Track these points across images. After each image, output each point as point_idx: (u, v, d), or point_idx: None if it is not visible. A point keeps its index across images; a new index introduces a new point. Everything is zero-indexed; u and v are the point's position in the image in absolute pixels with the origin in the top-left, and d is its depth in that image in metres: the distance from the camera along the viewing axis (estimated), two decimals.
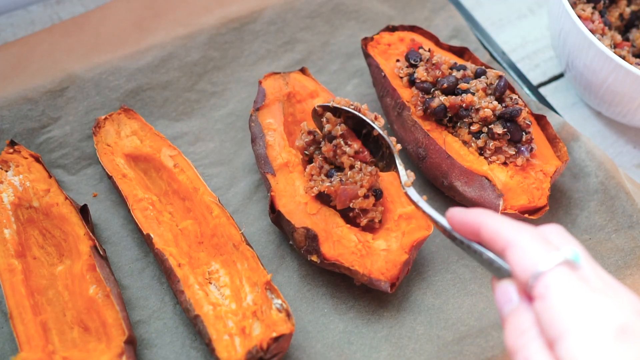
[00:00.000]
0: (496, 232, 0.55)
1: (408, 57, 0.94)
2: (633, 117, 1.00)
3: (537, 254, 0.51)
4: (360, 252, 0.80)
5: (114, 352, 0.73)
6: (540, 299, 0.50)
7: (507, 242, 0.53)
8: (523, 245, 0.52)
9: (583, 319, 0.47)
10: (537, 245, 0.52)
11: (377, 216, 0.82)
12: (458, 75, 0.90)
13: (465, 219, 0.58)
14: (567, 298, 0.48)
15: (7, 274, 0.78)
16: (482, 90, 0.88)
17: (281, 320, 0.74)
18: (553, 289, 0.49)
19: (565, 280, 0.49)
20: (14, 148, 0.89)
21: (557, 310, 0.48)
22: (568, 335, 0.47)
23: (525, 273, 0.51)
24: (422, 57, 0.93)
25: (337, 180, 0.82)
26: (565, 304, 0.48)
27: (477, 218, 0.57)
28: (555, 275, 0.50)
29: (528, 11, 1.20)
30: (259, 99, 0.93)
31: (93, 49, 1.02)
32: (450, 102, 0.87)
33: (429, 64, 0.92)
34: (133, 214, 0.84)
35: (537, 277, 0.50)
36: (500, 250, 0.54)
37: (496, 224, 0.55)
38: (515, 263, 0.52)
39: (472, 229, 0.57)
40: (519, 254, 0.52)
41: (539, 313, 0.50)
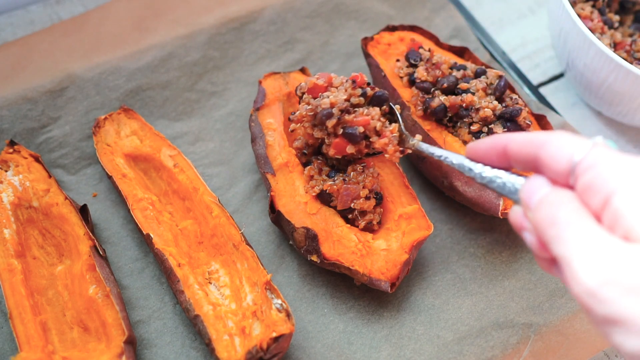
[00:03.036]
0: (526, 140, 0.55)
1: (408, 57, 0.94)
2: (633, 117, 1.00)
3: (573, 141, 0.51)
4: (360, 252, 0.80)
5: (114, 352, 0.73)
6: (588, 170, 0.49)
7: (542, 142, 0.53)
8: (558, 139, 0.52)
9: (634, 171, 0.47)
10: (571, 137, 0.52)
11: (376, 218, 0.82)
12: (458, 75, 0.90)
13: (492, 143, 0.59)
14: (615, 161, 0.48)
15: (6, 274, 0.78)
16: (482, 90, 0.88)
17: (281, 320, 0.74)
18: (599, 159, 0.49)
19: (608, 152, 0.49)
20: (14, 148, 0.89)
21: (607, 172, 0.48)
22: (622, 187, 0.47)
23: (566, 158, 0.51)
24: (422, 57, 0.93)
25: (340, 179, 0.82)
26: (614, 166, 0.48)
27: (504, 137, 0.58)
28: (597, 150, 0.50)
29: (528, 11, 1.20)
30: (259, 98, 0.93)
31: (93, 49, 1.02)
32: (450, 102, 0.87)
33: (429, 63, 0.92)
34: (133, 214, 0.84)
35: (578, 163, 0.50)
36: (533, 155, 0.54)
37: (525, 134, 0.56)
38: (553, 154, 0.52)
39: (499, 149, 0.58)
40: (555, 146, 0.52)
41: (587, 184, 0.49)
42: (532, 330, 0.82)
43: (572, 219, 0.48)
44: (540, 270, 0.88)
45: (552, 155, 0.52)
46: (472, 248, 0.90)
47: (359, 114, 0.79)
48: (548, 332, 0.82)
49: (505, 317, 0.84)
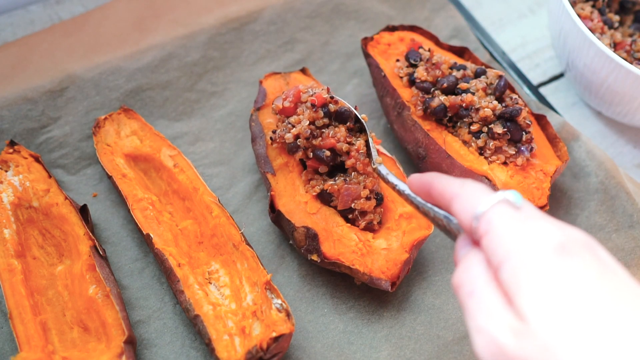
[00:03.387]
0: (443, 189, 0.56)
1: (408, 57, 0.94)
2: (633, 117, 1.00)
3: (478, 197, 0.52)
4: (360, 251, 0.80)
5: (114, 352, 0.73)
6: (484, 235, 0.50)
7: (452, 196, 0.55)
8: (465, 194, 0.54)
9: (523, 240, 0.47)
10: (479, 192, 0.53)
11: (376, 218, 0.82)
12: (458, 75, 0.90)
13: (419, 181, 0.60)
14: (508, 226, 0.49)
15: (6, 274, 0.78)
16: (482, 90, 0.88)
17: (281, 320, 0.74)
18: (494, 222, 0.50)
19: (506, 214, 0.50)
20: (14, 148, 0.89)
21: (498, 239, 0.49)
22: (510, 257, 0.47)
23: (468, 217, 0.52)
24: (422, 57, 0.93)
25: (341, 179, 0.82)
26: (506, 232, 0.49)
27: (429, 180, 0.59)
28: (495, 211, 0.50)
29: (528, 11, 1.20)
30: (260, 98, 0.93)
31: (93, 49, 1.02)
32: (450, 102, 0.87)
33: (429, 63, 0.92)
34: (133, 214, 0.84)
35: (479, 218, 0.51)
36: (447, 205, 0.55)
37: (443, 182, 0.57)
38: (459, 212, 0.53)
39: (426, 189, 0.59)
40: (461, 202, 0.53)
41: (485, 248, 0.50)
42: None
43: (472, 289, 0.49)
44: None
45: (459, 213, 0.53)
46: None
47: (325, 136, 0.83)
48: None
49: None
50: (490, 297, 0.48)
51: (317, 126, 0.84)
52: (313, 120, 0.84)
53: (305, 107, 0.85)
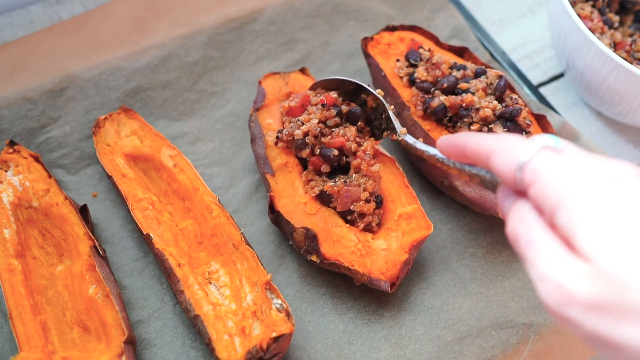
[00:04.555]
0: (478, 146, 0.56)
1: (408, 57, 0.94)
2: (633, 117, 1.00)
3: (517, 148, 0.52)
4: (360, 251, 0.80)
5: (114, 352, 0.73)
6: (532, 184, 0.49)
7: (490, 151, 0.54)
8: (503, 147, 0.53)
9: (573, 182, 0.47)
10: (516, 143, 0.52)
11: (375, 220, 0.82)
12: (458, 75, 0.90)
13: (451, 143, 0.60)
14: (556, 171, 0.48)
15: (6, 274, 0.78)
16: (482, 90, 0.88)
17: (281, 320, 0.74)
18: (540, 169, 0.49)
19: (550, 159, 0.49)
20: (14, 148, 0.89)
21: (548, 185, 0.48)
22: (563, 201, 0.47)
23: (511, 169, 0.51)
24: (422, 57, 0.93)
25: (341, 181, 0.82)
26: (555, 177, 0.48)
27: (461, 140, 0.59)
28: (538, 158, 0.50)
29: (528, 11, 1.20)
30: (259, 99, 0.93)
31: (93, 49, 1.02)
32: (450, 102, 0.87)
33: (429, 63, 0.92)
34: (133, 214, 0.84)
35: (521, 168, 0.50)
36: (485, 161, 0.55)
37: (477, 139, 0.56)
38: (499, 166, 0.52)
39: (459, 150, 0.59)
40: (501, 156, 0.53)
41: (535, 196, 0.49)
42: (532, 330, 0.82)
43: (530, 239, 0.49)
44: None
45: (499, 166, 0.52)
46: (472, 248, 0.90)
47: (335, 134, 0.84)
48: (548, 332, 0.82)
49: (505, 317, 0.84)
50: (550, 243, 0.47)
51: (328, 125, 0.85)
52: (324, 120, 0.85)
53: (316, 108, 0.86)
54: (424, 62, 0.92)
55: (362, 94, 0.88)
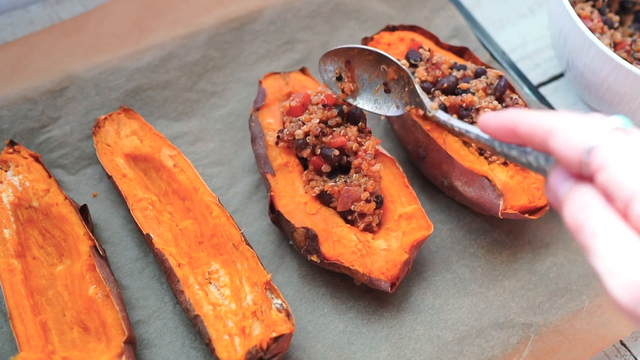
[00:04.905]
0: (534, 125, 0.51)
1: (408, 57, 0.94)
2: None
3: (584, 130, 0.47)
4: (360, 251, 0.80)
5: (114, 352, 0.73)
6: (601, 169, 0.46)
7: (549, 131, 0.50)
8: (566, 127, 0.49)
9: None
10: (581, 123, 0.48)
11: (375, 220, 0.82)
12: (458, 75, 0.90)
13: (499, 122, 0.55)
14: (631, 157, 0.45)
15: (6, 274, 0.78)
16: (482, 90, 0.88)
17: (281, 320, 0.74)
18: (612, 154, 0.45)
19: (622, 144, 0.46)
20: (14, 148, 0.89)
21: (623, 172, 0.45)
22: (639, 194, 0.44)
23: (577, 152, 0.47)
24: (422, 57, 0.93)
25: (341, 181, 0.82)
26: (630, 164, 0.45)
27: (511, 117, 0.54)
28: (609, 142, 0.46)
29: (528, 11, 1.20)
30: (259, 99, 0.93)
31: (93, 49, 1.02)
32: (451, 102, 0.87)
33: (429, 63, 0.92)
34: (133, 214, 0.84)
35: (590, 152, 0.46)
36: (542, 142, 0.51)
37: (533, 117, 0.52)
38: (562, 147, 0.48)
39: (508, 129, 0.54)
40: (564, 137, 0.48)
41: (605, 183, 0.46)
42: (532, 330, 0.82)
43: (598, 229, 0.45)
44: (541, 270, 0.88)
45: (562, 148, 0.49)
46: (472, 248, 0.90)
47: (336, 134, 0.84)
48: (548, 332, 0.82)
49: (505, 317, 0.84)
50: (623, 235, 0.44)
51: (329, 125, 0.85)
52: (326, 119, 0.85)
53: (317, 107, 0.86)
54: (424, 62, 0.92)
55: (382, 64, 0.83)
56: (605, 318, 0.84)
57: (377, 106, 0.84)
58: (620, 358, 0.86)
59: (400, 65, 0.81)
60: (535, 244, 0.90)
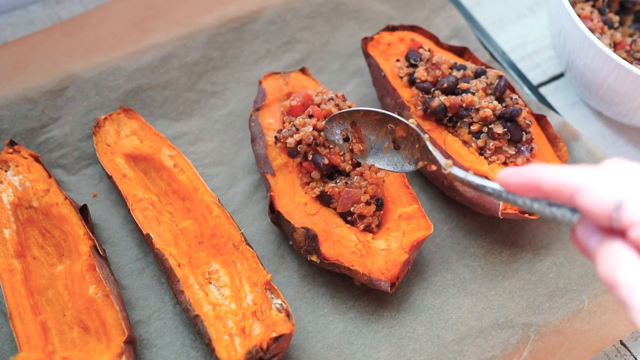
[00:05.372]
0: (560, 182, 0.52)
1: (408, 57, 0.94)
2: (633, 117, 1.00)
3: (611, 186, 0.48)
4: (360, 251, 0.80)
5: (114, 352, 0.73)
6: (634, 226, 0.46)
7: (575, 188, 0.50)
8: (592, 184, 0.49)
9: None
10: (609, 179, 0.49)
11: (375, 221, 0.82)
12: (458, 75, 0.90)
13: (522, 179, 0.55)
14: None
15: (6, 274, 0.78)
16: (482, 90, 0.88)
17: (281, 320, 0.74)
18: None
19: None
20: (14, 148, 0.89)
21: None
22: None
23: (606, 208, 0.48)
24: (422, 57, 0.93)
25: (342, 182, 0.82)
26: None
27: (535, 174, 0.54)
28: (638, 197, 0.47)
29: (528, 11, 1.20)
30: (259, 99, 0.93)
31: (93, 49, 1.02)
32: (450, 102, 0.87)
33: (429, 63, 0.92)
34: (133, 214, 0.84)
35: (619, 208, 0.47)
36: (569, 198, 0.51)
37: (557, 174, 0.52)
38: (591, 204, 0.49)
39: (531, 186, 0.54)
40: (592, 194, 0.49)
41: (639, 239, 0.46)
42: (532, 330, 0.82)
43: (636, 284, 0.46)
44: (541, 270, 0.88)
45: (591, 205, 0.49)
46: (472, 248, 0.90)
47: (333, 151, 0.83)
48: (548, 332, 0.82)
49: (505, 317, 0.84)
50: None
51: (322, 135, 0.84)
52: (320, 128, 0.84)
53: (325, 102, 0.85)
54: (424, 62, 0.92)
55: (389, 123, 0.80)
56: (605, 318, 0.84)
57: (387, 163, 0.82)
58: (620, 358, 0.86)
59: (408, 124, 0.78)
60: (535, 244, 0.90)
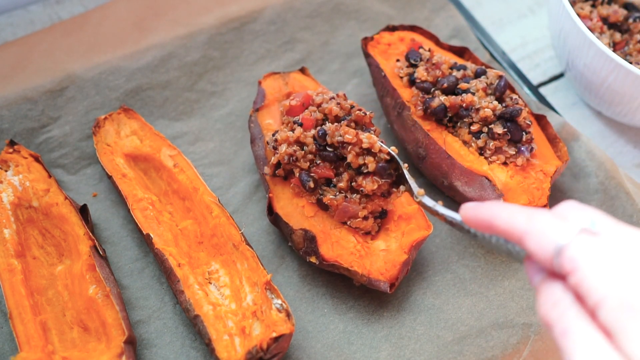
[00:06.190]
0: (509, 226, 0.54)
1: (408, 57, 0.94)
2: (633, 117, 1.00)
3: (553, 232, 0.50)
4: (359, 252, 0.80)
5: (114, 352, 0.73)
6: (571, 274, 0.48)
7: (522, 233, 0.52)
8: (537, 230, 0.51)
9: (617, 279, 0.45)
10: (551, 225, 0.50)
11: (374, 228, 0.82)
12: (458, 75, 0.90)
13: (477, 215, 0.57)
14: (597, 262, 0.47)
15: (6, 274, 0.78)
16: (482, 90, 0.88)
17: (281, 320, 0.74)
18: (580, 258, 0.47)
19: (589, 247, 0.48)
20: (14, 148, 0.89)
21: (590, 278, 0.46)
22: (608, 298, 0.45)
23: (547, 255, 0.50)
24: (422, 57, 0.93)
25: (341, 195, 0.81)
26: (597, 271, 0.46)
27: (488, 213, 0.56)
28: (577, 246, 0.48)
29: (528, 11, 1.20)
30: (259, 99, 0.93)
31: (93, 49, 1.02)
32: (451, 102, 0.87)
33: (429, 63, 0.92)
34: (133, 214, 0.84)
35: (559, 254, 0.49)
36: (518, 241, 0.53)
37: (507, 217, 0.54)
38: (534, 250, 0.51)
39: (486, 224, 0.56)
40: (535, 241, 0.51)
41: (575, 287, 0.48)
42: (532, 330, 0.82)
43: (566, 328, 0.47)
44: None
45: (534, 250, 0.51)
46: (472, 248, 0.90)
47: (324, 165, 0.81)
48: (548, 332, 0.82)
49: (505, 317, 0.84)
50: (590, 336, 0.46)
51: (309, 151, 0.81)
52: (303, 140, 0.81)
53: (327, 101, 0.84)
54: (424, 62, 0.92)
55: None
56: None
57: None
58: None
59: (390, 151, 0.78)
60: None
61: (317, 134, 0.81)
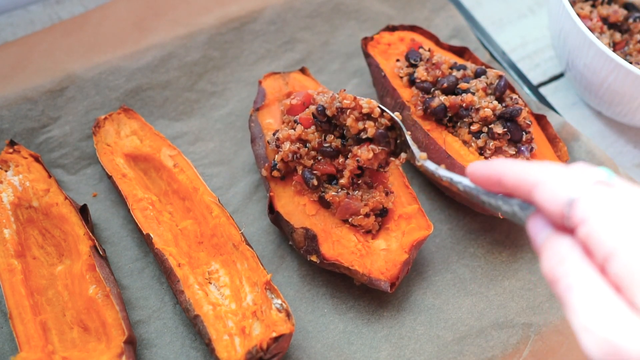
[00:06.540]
0: (520, 177, 0.52)
1: (408, 57, 0.94)
2: (633, 117, 1.00)
3: (567, 182, 0.48)
4: (359, 252, 0.80)
5: (114, 352, 0.73)
6: (582, 224, 0.46)
7: (533, 183, 0.50)
8: (550, 180, 0.49)
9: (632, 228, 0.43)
10: (566, 175, 0.48)
11: (375, 227, 0.82)
12: (458, 75, 0.90)
13: (486, 171, 0.55)
14: (612, 212, 0.45)
15: (6, 274, 0.78)
16: (482, 90, 0.88)
17: (281, 320, 0.74)
18: (593, 209, 0.45)
19: (603, 198, 0.46)
20: (14, 148, 0.89)
21: (603, 227, 0.44)
22: (621, 249, 0.43)
23: (558, 204, 0.47)
24: (422, 57, 0.93)
25: (343, 192, 0.81)
26: (612, 219, 0.44)
27: (498, 167, 0.54)
28: (591, 196, 0.46)
29: (528, 11, 1.20)
30: (259, 99, 0.93)
31: (93, 49, 1.02)
32: (450, 102, 0.87)
33: (429, 63, 0.92)
34: (133, 214, 0.84)
35: (571, 205, 0.46)
36: (527, 193, 0.51)
37: (518, 168, 0.52)
38: (545, 199, 0.48)
39: (494, 179, 0.55)
40: (547, 190, 0.48)
41: (585, 238, 0.46)
42: (532, 330, 0.82)
43: (574, 282, 0.45)
44: (540, 270, 0.88)
45: (545, 201, 0.49)
46: (472, 248, 0.90)
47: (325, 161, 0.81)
48: (548, 332, 0.82)
49: (505, 317, 0.84)
50: (599, 291, 0.43)
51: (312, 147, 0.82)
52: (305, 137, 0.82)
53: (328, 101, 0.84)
54: (424, 62, 0.92)
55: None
56: None
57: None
58: None
59: (392, 116, 0.78)
60: None
61: (316, 111, 0.81)
